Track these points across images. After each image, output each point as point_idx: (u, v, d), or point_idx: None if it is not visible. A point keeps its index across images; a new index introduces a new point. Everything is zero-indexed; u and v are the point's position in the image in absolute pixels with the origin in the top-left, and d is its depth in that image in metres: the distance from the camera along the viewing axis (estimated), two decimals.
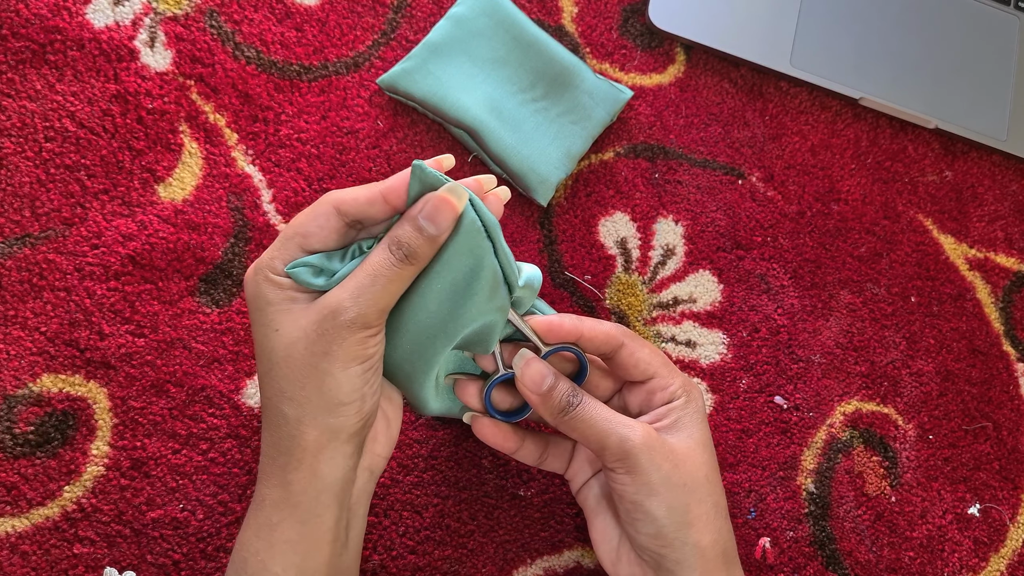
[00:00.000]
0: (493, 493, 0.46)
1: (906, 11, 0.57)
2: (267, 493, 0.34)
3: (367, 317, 0.32)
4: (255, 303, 0.34)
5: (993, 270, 0.55)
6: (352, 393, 0.33)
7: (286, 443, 0.34)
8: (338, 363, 0.32)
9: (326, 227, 0.34)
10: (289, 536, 0.34)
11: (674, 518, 0.36)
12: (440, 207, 0.33)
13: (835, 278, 0.53)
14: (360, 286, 0.33)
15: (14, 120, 0.47)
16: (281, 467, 0.34)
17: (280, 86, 0.50)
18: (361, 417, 0.34)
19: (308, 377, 0.33)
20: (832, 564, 0.48)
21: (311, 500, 0.34)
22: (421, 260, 0.34)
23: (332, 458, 0.34)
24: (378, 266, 0.33)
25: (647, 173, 0.52)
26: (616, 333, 0.39)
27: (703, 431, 0.39)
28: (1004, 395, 0.53)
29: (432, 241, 0.33)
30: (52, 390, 0.44)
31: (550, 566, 0.46)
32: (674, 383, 0.39)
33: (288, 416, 0.33)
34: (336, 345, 0.32)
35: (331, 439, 0.33)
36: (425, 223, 0.33)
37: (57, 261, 0.45)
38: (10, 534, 0.42)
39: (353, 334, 0.32)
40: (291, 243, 0.34)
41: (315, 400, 0.33)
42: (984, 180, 0.57)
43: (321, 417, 0.33)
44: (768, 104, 0.55)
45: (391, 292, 0.33)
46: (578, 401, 0.37)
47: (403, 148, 0.50)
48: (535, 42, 0.50)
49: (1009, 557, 0.51)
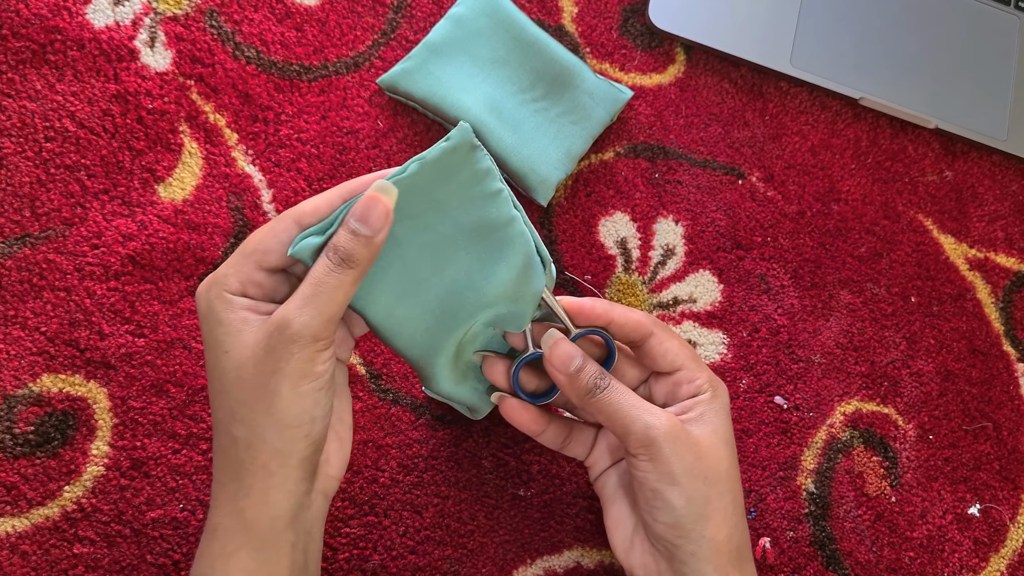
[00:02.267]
0: (493, 493, 0.46)
1: (906, 11, 0.57)
2: (219, 521, 0.34)
3: (313, 328, 0.32)
4: (206, 322, 0.33)
5: (993, 270, 0.55)
6: (301, 415, 0.32)
7: (236, 468, 0.33)
8: (287, 382, 0.32)
9: (287, 242, 0.33)
10: (246, 565, 0.33)
11: (692, 509, 0.36)
12: (370, 205, 0.32)
13: (835, 278, 0.53)
14: (304, 297, 0.32)
15: (14, 120, 0.47)
16: (232, 494, 0.33)
17: (280, 86, 0.50)
18: (311, 441, 0.33)
19: (258, 398, 0.32)
20: (832, 564, 0.48)
21: (265, 527, 0.33)
22: (360, 263, 0.33)
23: (283, 484, 0.33)
24: (318, 275, 0.32)
25: (647, 173, 0.52)
26: (646, 321, 0.39)
27: (727, 427, 0.39)
28: (1004, 395, 0.53)
29: (368, 243, 0.32)
30: (52, 390, 0.44)
31: (550, 566, 0.46)
32: (701, 376, 0.39)
33: (238, 439, 0.33)
34: (284, 362, 0.31)
35: (281, 464, 0.33)
36: (357, 224, 0.32)
37: (57, 261, 0.45)
38: (10, 534, 0.42)
39: (302, 349, 0.32)
40: (249, 260, 0.33)
41: (264, 422, 0.32)
42: (984, 180, 0.57)
43: (271, 440, 0.32)
44: (768, 104, 0.55)
45: (336, 300, 0.32)
46: (605, 384, 0.37)
47: (403, 148, 0.50)
48: (535, 42, 0.50)
49: (1009, 557, 0.51)
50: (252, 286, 0.33)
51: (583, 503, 0.47)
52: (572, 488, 0.47)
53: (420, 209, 0.35)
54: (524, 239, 0.36)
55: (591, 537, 0.47)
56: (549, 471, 0.47)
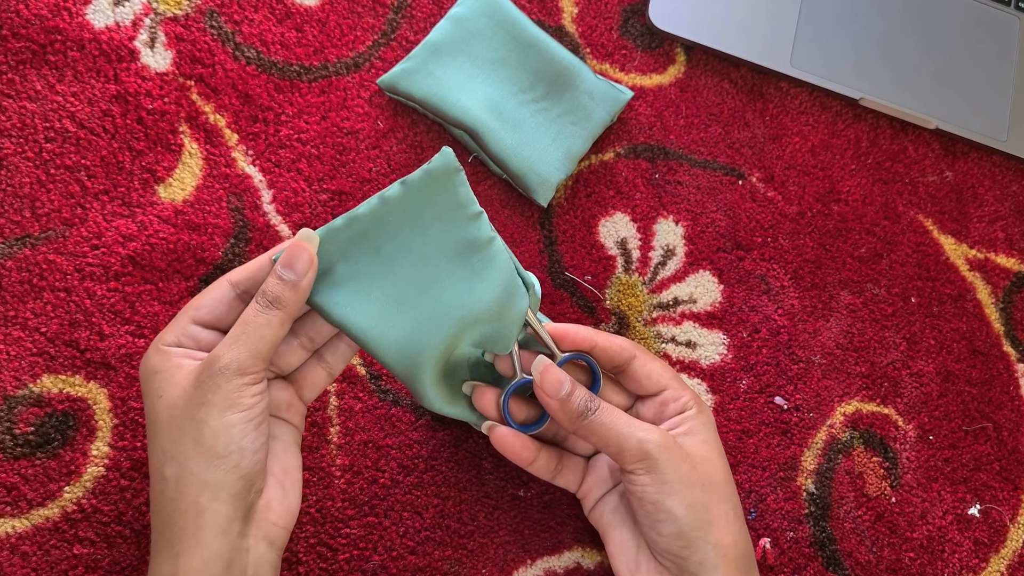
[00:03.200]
0: (493, 494, 0.46)
1: (906, 11, 0.57)
2: (158, 572, 0.34)
3: (240, 362, 0.33)
4: (145, 379, 0.35)
5: (993, 270, 0.55)
6: (229, 444, 0.33)
7: (169, 510, 0.33)
8: (214, 411, 0.33)
9: (218, 299, 0.36)
10: None
11: (694, 516, 0.36)
12: (295, 253, 0.35)
13: (835, 278, 0.53)
14: (233, 336, 0.34)
15: (14, 120, 0.47)
16: (168, 540, 0.33)
17: (280, 86, 0.50)
18: (240, 475, 0.34)
19: (186, 431, 0.33)
20: (832, 565, 0.48)
21: (199, 574, 0.33)
22: (286, 305, 0.35)
23: (215, 522, 0.33)
24: (247, 316, 0.35)
25: (647, 173, 0.52)
26: (628, 346, 0.40)
27: (716, 439, 0.40)
28: (1004, 396, 0.53)
29: (294, 287, 0.35)
30: (52, 391, 0.44)
31: (550, 566, 0.46)
32: (685, 395, 0.40)
33: (168, 478, 0.33)
34: (211, 393, 0.33)
35: (211, 499, 0.33)
36: (283, 270, 0.35)
37: (57, 261, 0.45)
38: (10, 535, 0.42)
39: (228, 380, 0.33)
40: (184, 317, 0.36)
41: (192, 453, 0.33)
42: (984, 180, 0.57)
43: (199, 471, 0.33)
44: (768, 104, 0.55)
45: (263, 337, 0.34)
46: (596, 406, 0.38)
47: (403, 148, 0.50)
48: (535, 42, 0.50)
49: (1009, 558, 0.51)
50: (186, 339, 0.36)
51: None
52: None
53: (405, 230, 0.36)
54: (504, 259, 0.37)
55: (591, 537, 0.47)
56: None
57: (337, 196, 0.49)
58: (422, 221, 0.36)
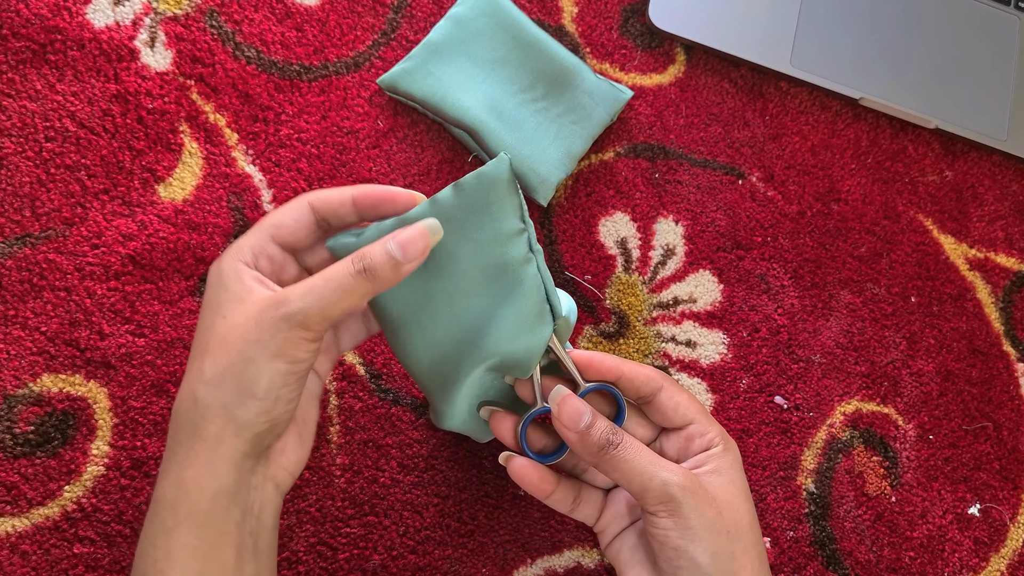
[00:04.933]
0: (493, 493, 0.46)
1: (906, 11, 0.57)
2: (162, 493, 0.33)
3: (307, 316, 0.32)
4: (212, 288, 0.34)
5: (993, 270, 0.55)
6: (268, 390, 0.32)
7: (187, 431, 0.33)
8: (265, 353, 0.32)
9: (299, 220, 0.35)
10: (188, 541, 0.32)
11: (719, 566, 0.35)
12: (415, 237, 0.33)
13: (835, 278, 0.53)
14: (311, 285, 0.32)
15: (14, 120, 0.47)
16: (179, 463, 0.33)
17: (280, 86, 0.50)
18: (269, 419, 0.33)
19: (232, 362, 0.32)
20: (832, 564, 0.48)
21: (207, 500, 0.32)
22: (378, 280, 0.33)
23: (230, 456, 0.32)
24: (334, 272, 0.33)
25: (647, 173, 0.52)
26: (656, 376, 0.38)
27: (743, 479, 0.38)
28: (1004, 395, 0.53)
29: (395, 266, 0.33)
30: (52, 390, 0.44)
31: (550, 566, 0.46)
32: (712, 431, 0.38)
33: (199, 400, 0.32)
34: (268, 335, 0.32)
35: (233, 434, 0.32)
36: (394, 246, 0.33)
37: (57, 261, 0.45)
38: (10, 534, 0.42)
39: (289, 329, 0.32)
40: (263, 232, 0.35)
41: (230, 386, 0.32)
42: (984, 180, 0.57)
43: (231, 406, 0.32)
44: (768, 104, 0.55)
45: (339, 300, 0.32)
46: (618, 440, 0.36)
47: (403, 148, 0.50)
48: (535, 42, 0.50)
49: (1009, 557, 0.51)
50: (264, 258, 0.35)
51: None
52: None
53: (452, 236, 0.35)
54: (536, 283, 0.35)
55: (591, 537, 0.47)
56: None
57: None
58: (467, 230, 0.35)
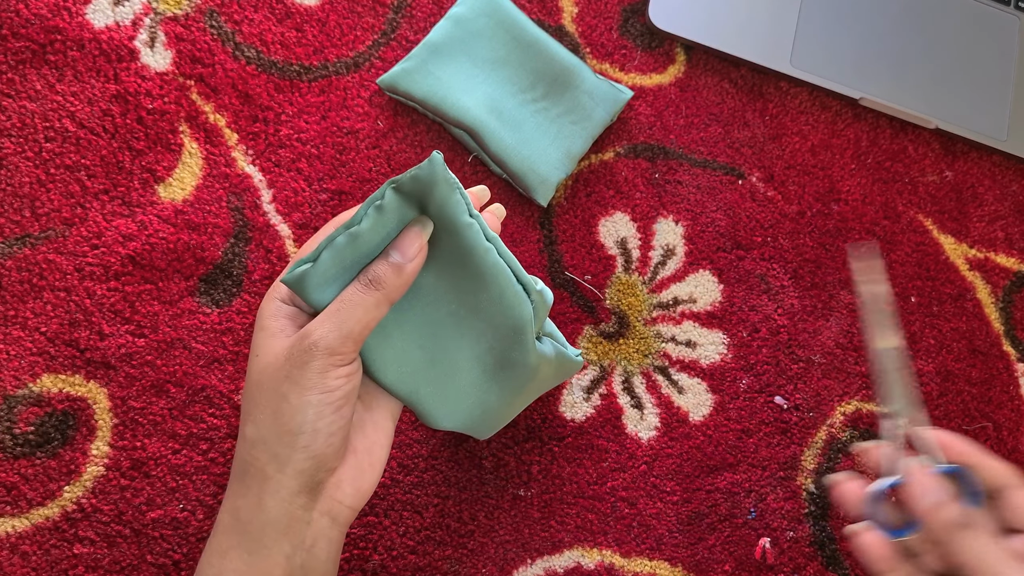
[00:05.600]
0: (493, 493, 0.46)
1: (906, 11, 0.57)
2: (221, 518, 0.34)
3: (330, 341, 0.33)
4: (257, 322, 0.35)
5: (993, 270, 0.55)
6: (303, 424, 0.33)
7: (241, 466, 0.34)
8: (296, 388, 0.32)
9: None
10: (237, 566, 0.33)
11: None
12: (408, 238, 0.34)
13: (835, 278, 0.53)
14: (328, 312, 0.33)
15: (14, 120, 0.47)
16: (235, 492, 0.34)
17: (280, 86, 0.50)
18: (310, 455, 0.33)
19: (269, 400, 0.33)
20: (832, 564, 0.48)
21: (257, 531, 0.33)
22: (387, 287, 0.34)
23: (276, 492, 0.33)
24: (346, 294, 0.34)
25: (647, 173, 0.52)
26: (1006, 472, 0.37)
27: None
28: (1004, 395, 0.53)
29: (398, 269, 0.34)
30: (52, 390, 0.44)
31: (550, 566, 0.46)
32: None
33: (247, 437, 0.34)
34: (298, 370, 0.32)
35: (277, 471, 0.33)
36: (392, 252, 0.34)
37: (57, 261, 0.45)
38: (10, 534, 0.42)
39: (315, 359, 0.32)
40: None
41: (269, 423, 0.33)
42: (984, 180, 0.57)
43: (272, 443, 0.33)
44: (768, 104, 0.55)
45: (358, 317, 0.33)
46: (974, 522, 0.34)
47: (403, 148, 0.50)
48: (535, 42, 0.50)
49: None
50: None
51: (583, 503, 0.47)
52: (572, 488, 0.47)
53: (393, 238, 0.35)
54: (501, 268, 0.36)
55: (591, 537, 0.47)
56: (549, 471, 0.47)
57: (337, 196, 0.49)
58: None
